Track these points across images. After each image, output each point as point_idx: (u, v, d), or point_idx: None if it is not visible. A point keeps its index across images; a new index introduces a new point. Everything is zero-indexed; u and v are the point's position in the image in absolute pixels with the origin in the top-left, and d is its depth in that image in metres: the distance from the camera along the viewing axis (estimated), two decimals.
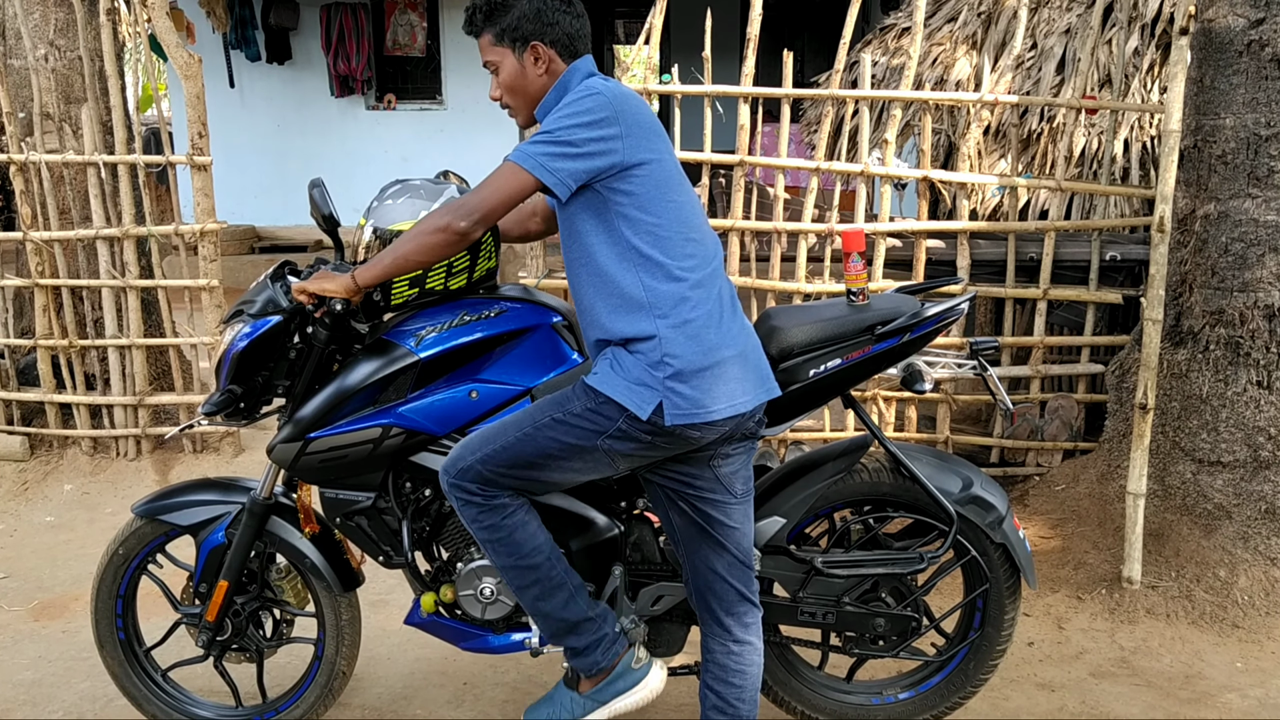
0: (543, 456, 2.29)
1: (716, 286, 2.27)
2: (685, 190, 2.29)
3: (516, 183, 2.18)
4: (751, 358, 2.28)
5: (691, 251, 2.23)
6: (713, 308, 2.23)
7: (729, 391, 2.21)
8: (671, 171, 2.25)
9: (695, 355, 2.18)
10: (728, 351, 2.22)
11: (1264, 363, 3.59)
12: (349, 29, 10.39)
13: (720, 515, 2.32)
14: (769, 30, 4.57)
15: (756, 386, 2.27)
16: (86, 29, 4.89)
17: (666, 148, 2.27)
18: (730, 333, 2.24)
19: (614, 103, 2.18)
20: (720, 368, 2.20)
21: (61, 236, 4.79)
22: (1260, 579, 3.55)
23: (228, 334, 2.50)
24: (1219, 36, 3.61)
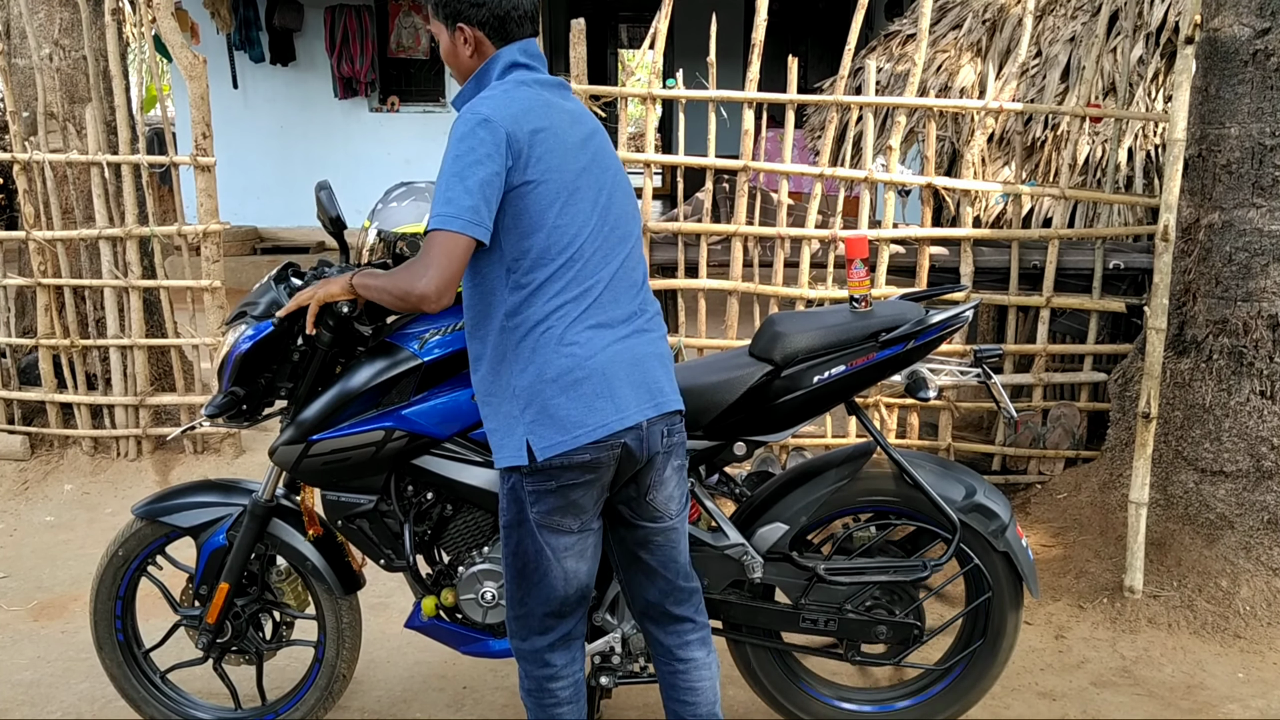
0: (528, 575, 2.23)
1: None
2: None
3: (454, 247, 2.02)
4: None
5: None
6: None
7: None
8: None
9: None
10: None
11: (1267, 373, 3.58)
12: (353, 31, 10.41)
13: (655, 539, 2.27)
14: (774, 36, 4.57)
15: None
16: (91, 29, 4.89)
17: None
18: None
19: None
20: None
21: (64, 236, 4.78)
22: (1262, 589, 3.54)
23: (231, 335, 2.50)
24: (1224, 46, 3.61)
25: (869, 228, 4.26)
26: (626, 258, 2.20)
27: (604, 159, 2.21)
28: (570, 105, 2.20)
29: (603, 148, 2.22)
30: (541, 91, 2.16)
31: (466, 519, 2.62)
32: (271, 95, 10.68)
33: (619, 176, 2.24)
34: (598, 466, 2.12)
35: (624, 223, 2.22)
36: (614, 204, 2.19)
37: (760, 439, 2.58)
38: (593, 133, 2.21)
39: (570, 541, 2.19)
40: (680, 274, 4.32)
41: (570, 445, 2.08)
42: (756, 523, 2.59)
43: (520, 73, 2.18)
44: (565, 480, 2.11)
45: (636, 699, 3.10)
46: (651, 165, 4.24)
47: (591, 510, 2.19)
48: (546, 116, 2.11)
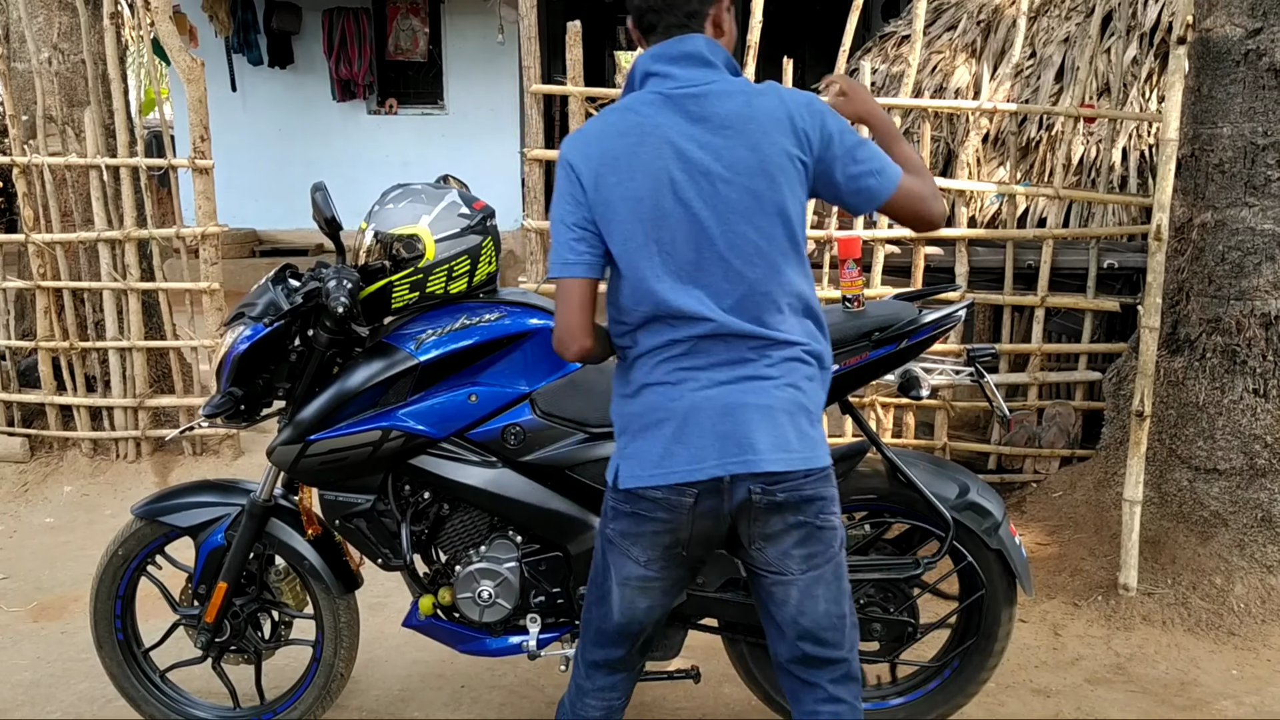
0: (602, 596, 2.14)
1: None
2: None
3: (563, 291, 2.01)
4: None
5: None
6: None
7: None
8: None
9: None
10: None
11: (1260, 371, 3.60)
12: (351, 33, 10.41)
13: (771, 596, 2.07)
14: (769, 38, 4.59)
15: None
16: (90, 33, 4.91)
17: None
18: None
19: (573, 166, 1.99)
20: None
21: (63, 239, 4.80)
22: (1256, 586, 3.56)
23: (228, 336, 2.52)
24: (1216, 46, 3.63)
25: (864, 228, 4.27)
26: (742, 297, 1.95)
27: (716, 193, 1.93)
28: (695, 125, 1.93)
29: (720, 179, 1.93)
30: (644, 111, 1.95)
31: (463, 518, 2.64)
32: (270, 98, 10.69)
33: (745, 211, 1.94)
34: (672, 509, 1.98)
35: (734, 260, 1.94)
36: (719, 243, 1.94)
37: None
38: (704, 145, 1.93)
39: (633, 571, 2.07)
40: None
41: (645, 483, 1.99)
42: None
43: (650, 83, 1.98)
44: (639, 509, 2.02)
45: (633, 697, 3.10)
46: None
47: (661, 553, 2.05)
48: (631, 143, 1.93)
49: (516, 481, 2.57)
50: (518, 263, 8.14)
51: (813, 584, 2.04)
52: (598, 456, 2.55)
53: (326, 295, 2.41)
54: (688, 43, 1.97)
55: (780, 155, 1.94)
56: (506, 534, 2.62)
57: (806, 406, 2.00)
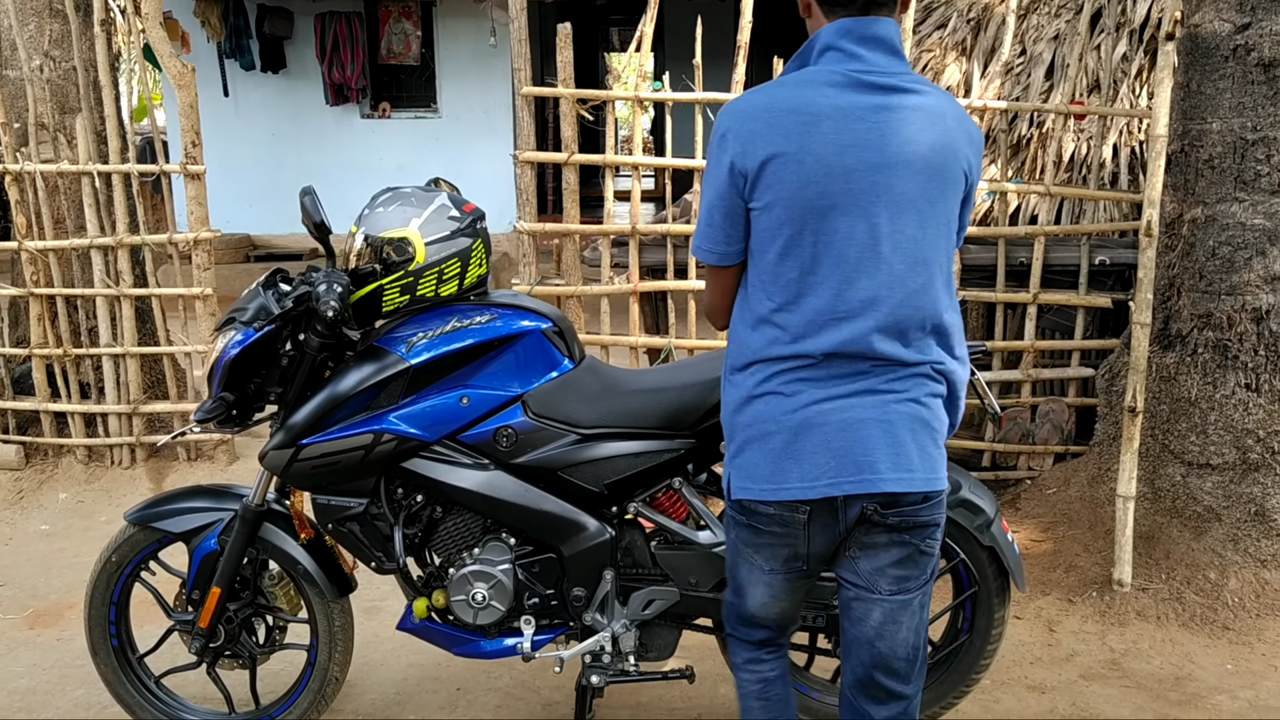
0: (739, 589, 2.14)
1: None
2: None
3: (710, 274, 2.00)
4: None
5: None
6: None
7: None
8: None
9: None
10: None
11: (1252, 365, 3.61)
12: (343, 38, 10.42)
13: (856, 606, 2.02)
14: (763, 38, 4.60)
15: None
16: (81, 40, 4.91)
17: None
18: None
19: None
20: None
21: (56, 246, 4.80)
22: (1250, 581, 3.57)
23: (220, 341, 2.52)
24: (1205, 41, 3.64)
25: None
26: (897, 305, 1.85)
27: (891, 191, 1.82)
28: (874, 112, 1.81)
29: (906, 176, 1.82)
30: (825, 93, 1.82)
31: (457, 521, 2.64)
32: (263, 103, 10.69)
33: (918, 215, 1.84)
34: (785, 524, 1.93)
35: (897, 264, 1.84)
36: (884, 244, 1.83)
37: None
38: (895, 151, 1.81)
39: (757, 575, 2.06)
40: (670, 276, 4.34)
41: (755, 495, 1.93)
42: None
43: (831, 59, 1.84)
44: (755, 521, 1.98)
45: (628, 698, 3.12)
46: (640, 168, 4.26)
47: (781, 563, 2.00)
48: (799, 134, 1.80)
49: (509, 483, 2.57)
50: (512, 265, 8.14)
51: (899, 609, 1.98)
52: (590, 458, 2.56)
53: (317, 299, 2.42)
54: (882, 26, 1.85)
55: (956, 165, 1.86)
56: (500, 536, 2.63)
57: (930, 424, 1.90)
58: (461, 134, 10.70)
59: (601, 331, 4.33)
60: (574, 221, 4.25)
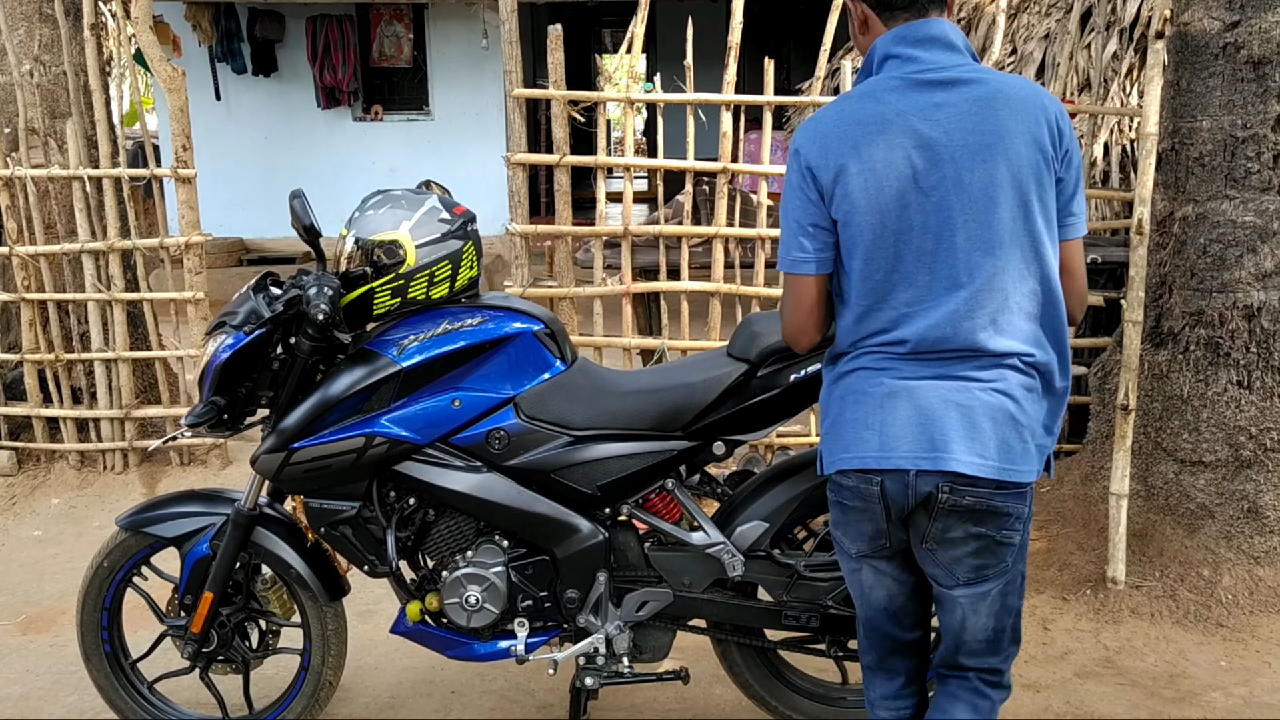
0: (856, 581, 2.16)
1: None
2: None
3: (793, 288, 2.02)
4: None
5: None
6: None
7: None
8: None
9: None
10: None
11: (1244, 363, 3.62)
12: (335, 40, 10.41)
13: (943, 597, 2.06)
14: (754, 38, 4.61)
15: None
16: (71, 44, 4.90)
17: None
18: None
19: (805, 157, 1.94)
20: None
21: (47, 251, 4.79)
22: (1244, 578, 3.58)
23: (210, 345, 2.52)
24: (1195, 40, 3.64)
25: None
26: (975, 292, 1.88)
27: (960, 181, 1.87)
28: (939, 109, 1.87)
29: (984, 165, 1.87)
30: (889, 100, 1.89)
31: (449, 524, 2.64)
32: (254, 106, 10.69)
33: (994, 202, 1.88)
34: (863, 496, 1.98)
35: (975, 253, 1.88)
36: (959, 234, 1.88)
37: (739, 438, 2.60)
38: (964, 143, 1.86)
39: (853, 564, 2.11)
40: (662, 276, 4.34)
41: (837, 466, 2.01)
42: (736, 521, 2.61)
43: (891, 67, 1.92)
44: (841, 497, 2.04)
45: (623, 700, 3.12)
46: (632, 169, 4.26)
47: (868, 542, 2.05)
48: (867, 142, 1.87)
49: (502, 486, 2.57)
50: (505, 267, 8.13)
51: (978, 599, 2.02)
52: (583, 459, 2.55)
53: (307, 302, 2.41)
54: (934, 25, 1.92)
55: (1029, 146, 1.88)
56: (493, 538, 2.62)
57: (1016, 418, 1.90)
58: (454, 136, 10.70)
59: (595, 333, 4.33)
60: (566, 223, 4.25)
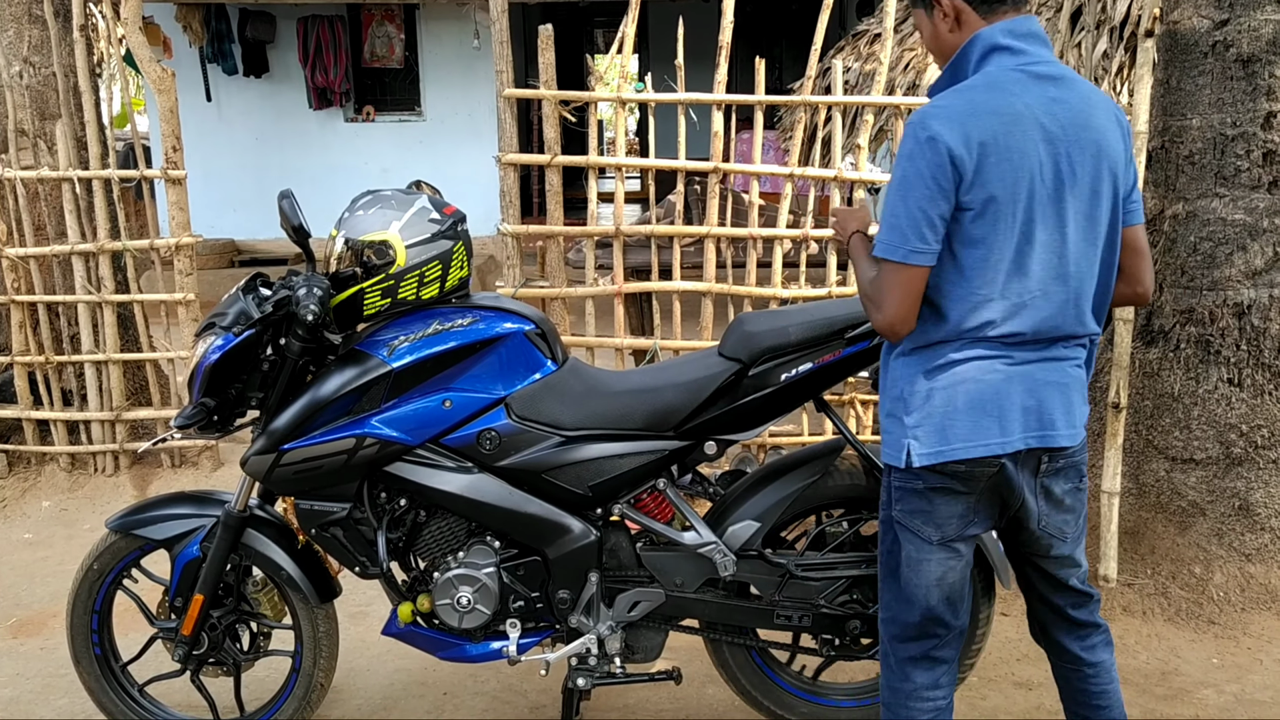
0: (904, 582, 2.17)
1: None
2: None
3: (903, 277, 1.97)
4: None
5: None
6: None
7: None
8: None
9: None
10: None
11: (1234, 360, 3.62)
12: (326, 41, 10.40)
13: (1051, 569, 2.23)
14: (747, 38, 4.61)
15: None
16: (60, 45, 4.88)
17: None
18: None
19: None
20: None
21: (37, 253, 4.77)
22: (1235, 575, 3.58)
23: (200, 347, 2.51)
24: (1184, 38, 3.65)
25: None
26: (1080, 286, 2.01)
27: (1088, 176, 1.98)
28: (1055, 103, 1.96)
29: (1090, 159, 1.97)
30: (1013, 90, 1.95)
31: (440, 525, 2.63)
32: (246, 107, 10.67)
33: (1099, 195, 2.00)
34: (969, 479, 2.04)
35: (1086, 246, 2.00)
36: (1070, 231, 1.98)
37: (731, 438, 2.59)
38: (1066, 129, 1.95)
39: (926, 552, 2.12)
40: (654, 276, 4.34)
41: (948, 457, 2.02)
42: (728, 520, 2.60)
43: (1002, 58, 1.97)
44: (932, 483, 2.06)
45: (616, 700, 3.11)
46: (624, 169, 4.26)
47: (955, 526, 2.09)
48: (1003, 126, 1.91)
49: (493, 486, 2.56)
50: (497, 267, 8.12)
51: (1078, 539, 2.23)
52: (574, 460, 2.55)
53: (296, 303, 2.41)
54: (1034, 23, 2.01)
55: (1117, 145, 2.02)
56: (484, 539, 2.62)
57: (1084, 383, 2.12)
58: (446, 137, 10.70)
59: (586, 333, 4.32)
60: (558, 223, 4.24)
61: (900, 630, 2.20)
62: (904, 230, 1.95)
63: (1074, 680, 2.33)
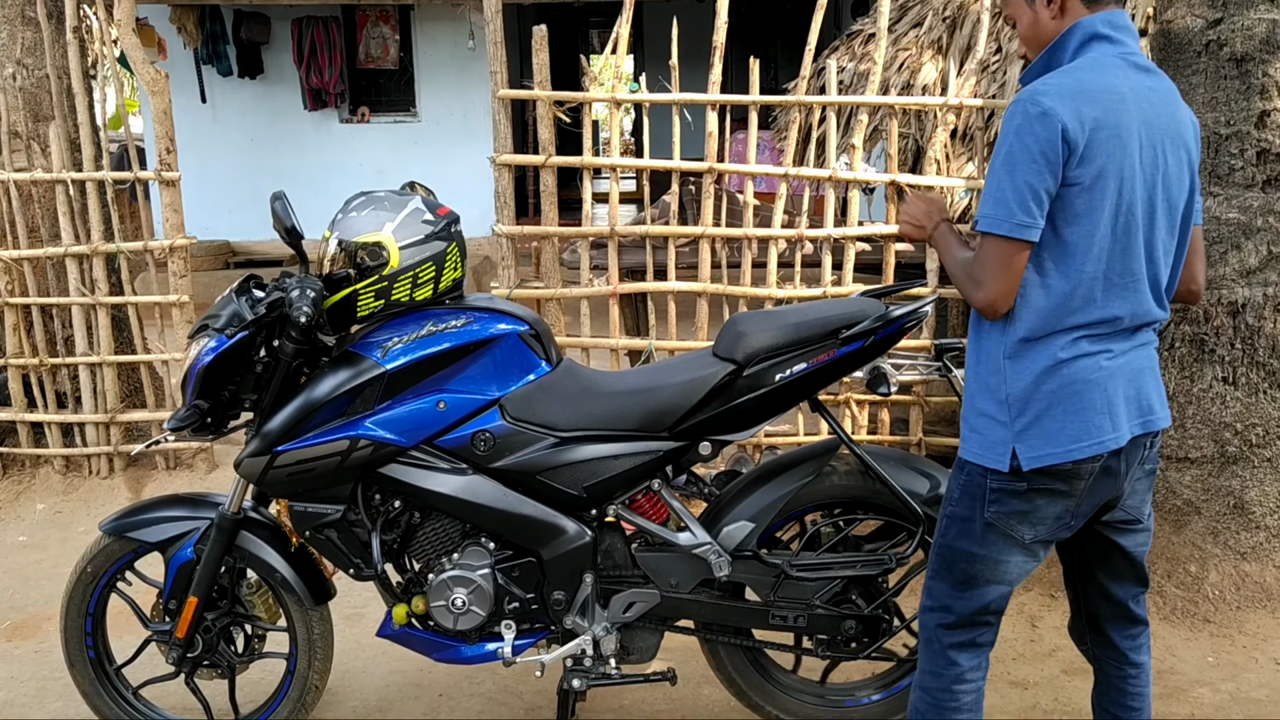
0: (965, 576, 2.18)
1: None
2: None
3: (1007, 252, 1.97)
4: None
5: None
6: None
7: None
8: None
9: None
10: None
11: (1229, 359, 3.63)
12: (321, 42, 10.38)
13: (1129, 544, 2.25)
14: (742, 38, 4.60)
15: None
16: (54, 47, 4.87)
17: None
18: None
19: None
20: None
21: (30, 255, 4.76)
22: (1230, 574, 3.59)
23: (193, 349, 2.50)
24: (1178, 37, 3.65)
25: (835, 225, 4.28)
26: (1171, 272, 2.09)
27: (1173, 166, 2.04)
28: (1151, 93, 2.01)
29: (1175, 142, 2.04)
30: (1116, 75, 1.99)
31: (435, 526, 2.63)
32: (240, 109, 10.65)
33: (1180, 186, 2.07)
34: (1074, 478, 2.04)
35: (1167, 232, 2.06)
36: (1160, 218, 2.03)
37: (726, 438, 2.59)
38: (1159, 118, 2.01)
39: (1011, 553, 2.12)
40: (649, 277, 4.34)
41: (1061, 459, 2.02)
42: (723, 521, 2.60)
43: (1102, 47, 2.03)
44: (1037, 484, 2.05)
45: (611, 701, 3.11)
46: (618, 169, 4.25)
47: (1051, 527, 2.10)
48: (1112, 106, 1.95)
49: (487, 488, 2.56)
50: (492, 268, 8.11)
51: (1149, 522, 2.27)
52: (569, 461, 2.54)
53: (290, 305, 2.40)
54: (1127, 17, 2.07)
55: (1193, 149, 2.09)
56: (479, 541, 2.61)
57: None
58: (441, 138, 10.68)
59: (581, 334, 4.32)
60: (553, 224, 4.23)
61: (953, 620, 2.21)
62: (1010, 204, 1.94)
63: (1116, 680, 2.36)
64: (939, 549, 2.22)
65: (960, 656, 2.22)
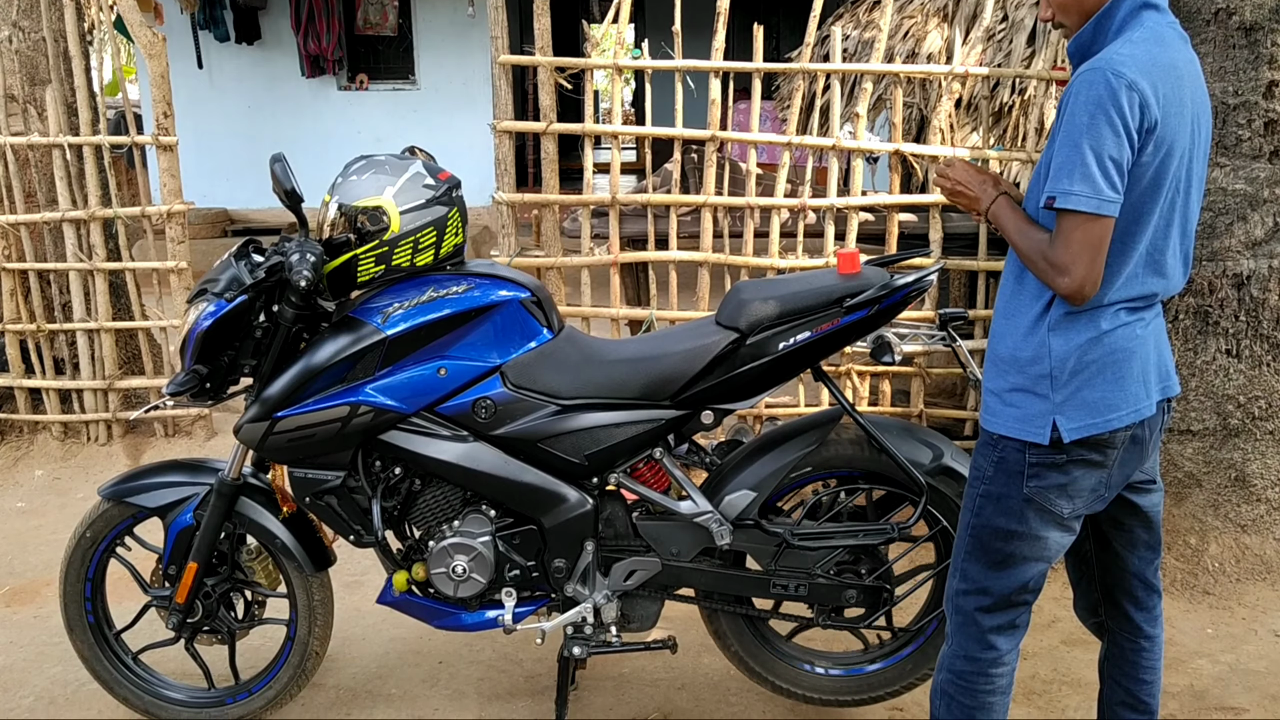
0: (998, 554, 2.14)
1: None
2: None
3: (1095, 231, 1.88)
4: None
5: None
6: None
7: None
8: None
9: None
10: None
11: (1233, 331, 3.61)
12: (319, 8, 10.27)
13: (1146, 504, 2.24)
14: (745, 6, 4.55)
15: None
16: (50, 10, 4.82)
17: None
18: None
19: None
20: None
21: (27, 219, 4.73)
22: (1231, 546, 3.59)
23: (191, 313, 2.48)
24: (1186, 5, 3.61)
25: (838, 195, 4.25)
26: (1182, 237, 2.05)
27: (1205, 141, 2.03)
28: (1192, 65, 2.00)
29: (1206, 117, 2.03)
30: (1174, 49, 1.96)
31: (435, 493, 2.62)
32: (238, 75, 10.56)
33: (1206, 160, 2.07)
34: (1109, 447, 2.02)
35: (1196, 205, 2.06)
36: (1194, 193, 2.04)
37: (728, 407, 2.58)
38: (1197, 93, 2.00)
39: (1049, 528, 2.09)
40: (650, 246, 4.31)
41: (1102, 429, 1.99)
42: (724, 490, 2.59)
43: (1151, 16, 1.97)
44: (1075, 456, 2.02)
45: (611, 669, 3.12)
46: (620, 138, 4.21)
47: (1086, 498, 2.07)
48: (1175, 82, 1.92)
49: (488, 455, 2.55)
50: (492, 237, 8.08)
51: (1161, 484, 2.28)
52: (570, 429, 2.53)
53: (289, 269, 2.38)
54: None
55: (1210, 118, 2.08)
56: (480, 508, 2.61)
57: None
58: (440, 105, 10.61)
59: (582, 303, 4.30)
60: (553, 192, 4.20)
61: (991, 602, 2.16)
62: (1096, 179, 1.85)
63: (1130, 653, 2.35)
64: (973, 530, 2.16)
65: (1000, 640, 2.18)
